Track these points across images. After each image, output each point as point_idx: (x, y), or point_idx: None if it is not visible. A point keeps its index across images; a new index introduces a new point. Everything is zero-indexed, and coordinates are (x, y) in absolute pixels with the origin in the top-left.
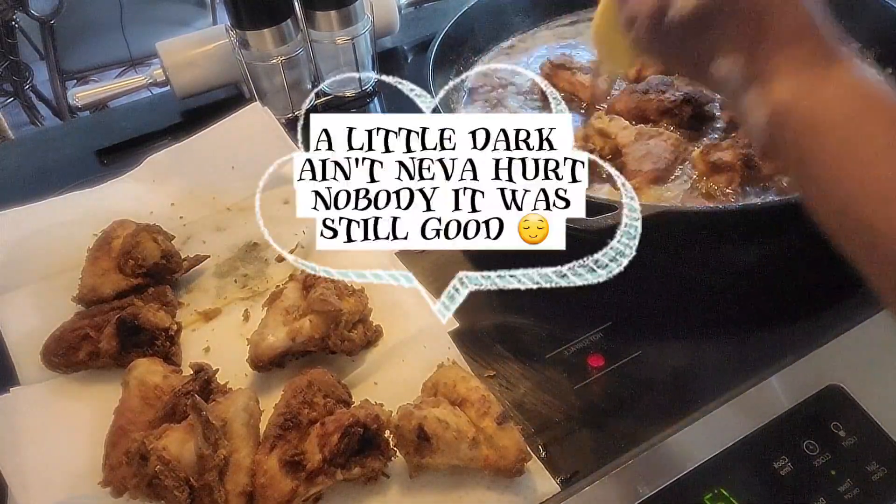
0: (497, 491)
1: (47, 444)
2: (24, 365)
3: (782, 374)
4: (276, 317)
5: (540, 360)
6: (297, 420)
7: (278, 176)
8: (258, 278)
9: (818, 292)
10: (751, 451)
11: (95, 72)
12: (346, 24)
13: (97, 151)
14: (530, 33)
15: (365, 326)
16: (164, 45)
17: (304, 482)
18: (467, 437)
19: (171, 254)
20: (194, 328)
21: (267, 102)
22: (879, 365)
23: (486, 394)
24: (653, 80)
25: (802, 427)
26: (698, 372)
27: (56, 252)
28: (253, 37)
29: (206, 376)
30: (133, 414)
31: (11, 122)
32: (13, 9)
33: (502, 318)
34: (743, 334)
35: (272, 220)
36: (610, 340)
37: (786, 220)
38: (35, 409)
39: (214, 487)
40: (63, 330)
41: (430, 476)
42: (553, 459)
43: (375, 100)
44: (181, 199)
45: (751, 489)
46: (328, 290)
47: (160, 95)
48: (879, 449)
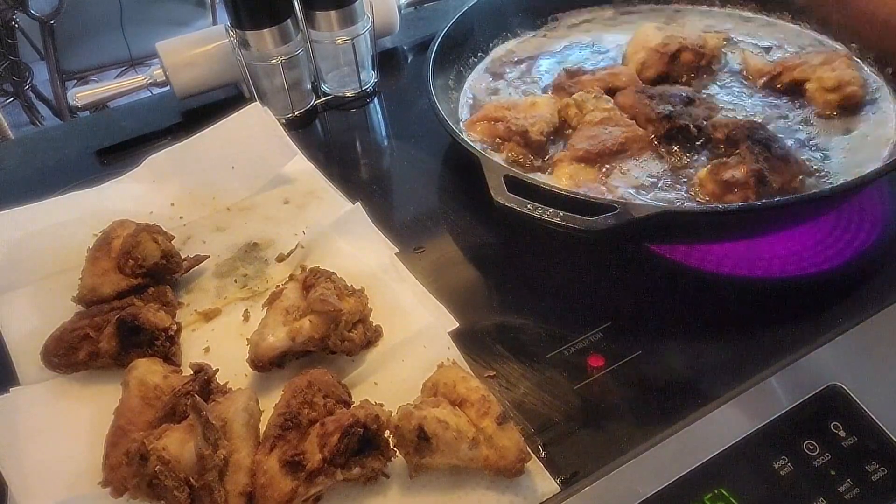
0: (497, 491)
1: (47, 444)
2: (24, 365)
3: (782, 374)
4: (276, 317)
5: (540, 360)
6: (297, 420)
7: (278, 176)
8: (258, 278)
9: (819, 292)
10: (751, 451)
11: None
12: (346, 24)
13: (97, 151)
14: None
15: (365, 326)
16: (164, 45)
17: (304, 482)
18: (467, 437)
19: (171, 254)
20: (194, 328)
21: (267, 102)
22: (879, 365)
23: (486, 394)
24: (668, 90)
25: (802, 427)
26: (698, 372)
27: (56, 252)
28: (253, 37)
29: (206, 376)
30: (133, 414)
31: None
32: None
33: (502, 318)
34: (743, 334)
35: (272, 220)
36: (610, 340)
37: (786, 219)
38: (35, 409)
39: (214, 487)
40: (63, 330)
41: (430, 476)
42: (553, 459)
43: (375, 100)
44: (181, 199)
45: (751, 489)
46: (328, 290)
47: (160, 95)
48: (879, 449)
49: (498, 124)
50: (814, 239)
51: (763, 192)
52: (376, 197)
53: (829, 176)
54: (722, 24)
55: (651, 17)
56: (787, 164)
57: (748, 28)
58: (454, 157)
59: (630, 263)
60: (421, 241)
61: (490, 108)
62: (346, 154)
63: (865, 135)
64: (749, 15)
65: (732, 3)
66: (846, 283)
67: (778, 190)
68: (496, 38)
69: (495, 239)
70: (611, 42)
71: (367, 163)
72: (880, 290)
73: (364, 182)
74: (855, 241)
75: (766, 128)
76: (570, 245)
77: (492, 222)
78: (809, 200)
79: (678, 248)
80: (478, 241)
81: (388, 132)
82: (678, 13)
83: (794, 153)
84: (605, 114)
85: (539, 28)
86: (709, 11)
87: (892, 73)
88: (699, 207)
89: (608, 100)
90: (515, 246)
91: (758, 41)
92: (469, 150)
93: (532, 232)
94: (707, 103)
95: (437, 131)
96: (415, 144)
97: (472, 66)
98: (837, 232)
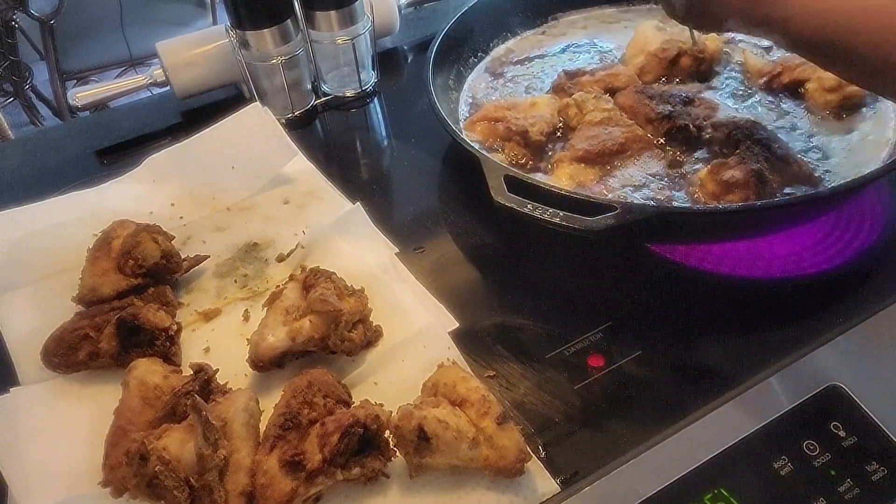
0: (497, 491)
1: (47, 444)
2: (24, 365)
3: (782, 374)
4: (276, 317)
5: (540, 360)
6: (297, 420)
7: (278, 176)
8: (258, 278)
9: (819, 292)
10: (751, 451)
11: (95, 72)
12: (346, 24)
13: (97, 151)
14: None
15: (365, 326)
16: (164, 45)
17: (304, 482)
18: (467, 437)
19: (171, 254)
20: (194, 328)
21: (267, 102)
22: (879, 365)
23: (486, 394)
24: (668, 90)
25: (802, 427)
26: (698, 372)
27: (56, 252)
28: (253, 37)
29: (206, 376)
30: (133, 414)
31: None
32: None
33: (502, 318)
34: (743, 334)
35: (272, 220)
36: (610, 340)
37: (786, 219)
38: (35, 409)
39: (214, 487)
40: (63, 330)
41: (430, 476)
42: (553, 459)
43: (375, 100)
44: (181, 199)
45: (751, 489)
46: (328, 290)
47: (160, 95)
48: (879, 449)
49: (498, 124)
50: (814, 239)
51: (763, 192)
52: (376, 197)
53: (829, 176)
54: None
55: (650, 16)
56: (787, 164)
57: None
58: (454, 157)
59: (630, 263)
60: (421, 241)
61: (490, 108)
62: (346, 154)
63: (865, 135)
64: None
65: None
66: (846, 283)
67: (778, 189)
68: (496, 37)
69: (495, 239)
70: (610, 41)
71: (367, 163)
72: (880, 290)
73: (364, 182)
74: (855, 241)
75: (766, 128)
76: (570, 245)
77: (492, 222)
78: (809, 200)
79: (678, 248)
80: (478, 241)
81: (388, 132)
82: None
83: (794, 153)
84: (605, 114)
85: (539, 27)
86: None
87: None
88: (699, 207)
89: (608, 100)
90: (515, 246)
91: (758, 41)
92: (469, 150)
93: (532, 232)
94: (707, 103)
95: (437, 131)
96: (415, 144)
97: (471, 65)
98: (837, 232)
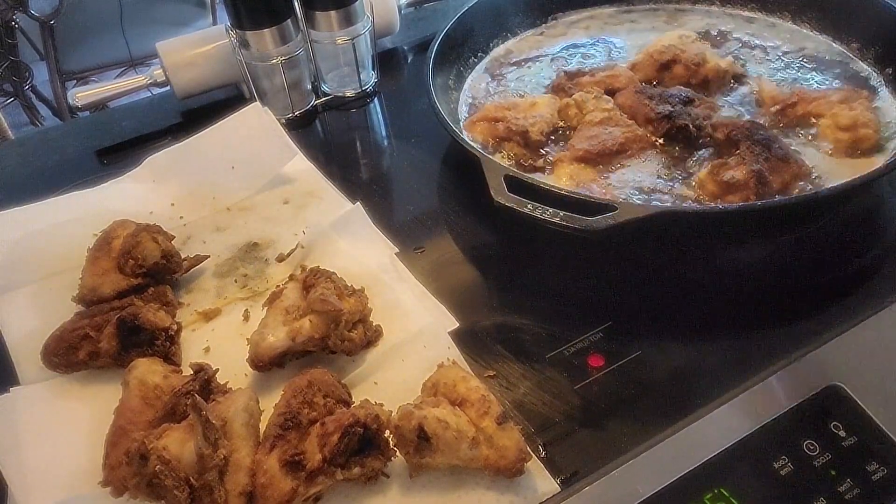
0: (497, 491)
1: (47, 444)
2: (24, 365)
3: (782, 374)
4: (276, 317)
5: (540, 360)
6: (297, 420)
7: (278, 176)
8: (258, 278)
9: (818, 292)
10: (751, 451)
11: (95, 72)
12: (346, 24)
13: (97, 151)
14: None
15: (365, 326)
16: (164, 45)
17: (304, 482)
18: (467, 437)
19: (171, 254)
20: (194, 328)
21: (267, 102)
22: (879, 365)
23: (486, 394)
24: (669, 91)
25: (802, 427)
26: (698, 372)
27: (56, 252)
28: (253, 37)
29: (206, 376)
30: (133, 414)
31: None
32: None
33: (502, 318)
34: (743, 334)
35: (272, 220)
36: (610, 340)
37: (786, 219)
38: (35, 409)
39: (214, 487)
40: (63, 330)
41: (430, 476)
42: (553, 459)
43: (375, 100)
44: (181, 199)
45: (751, 489)
46: (328, 290)
47: (160, 95)
48: (879, 449)
49: (498, 124)
50: (814, 239)
51: (763, 192)
52: (376, 197)
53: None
54: (724, 23)
55: (651, 16)
56: (787, 165)
57: (751, 28)
58: (454, 157)
59: (630, 263)
60: (421, 241)
61: (490, 108)
62: (346, 154)
63: None
64: (750, 15)
65: (732, 2)
66: (846, 283)
67: (778, 190)
68: (496, 37)
69: (495, 239)
70: (611, 42)
71: (367, 163)
72: (880, 290)
73: (364, 182)
74: (855, 242)
75: (766, 128)
76: (570, 245)
77: (492, 222)
78: (809, 200)
79: (678, 248)
80: (478, 241)
81: (388, 132)
82: (680, 12)
83: (793, 154)
84: (605, 114)
85: (538, 28)
86: (709, 11)
87: (893, 73)
88: (698, 207)
89: (608, 100)
90: (515, 246)
91: (762, 41)
92: (469, 150)
93: (532, 232)
94: (707, 103)
95: (437, 131)
96: (415, 144)
97: (471, 66)
98: (838, 232)
